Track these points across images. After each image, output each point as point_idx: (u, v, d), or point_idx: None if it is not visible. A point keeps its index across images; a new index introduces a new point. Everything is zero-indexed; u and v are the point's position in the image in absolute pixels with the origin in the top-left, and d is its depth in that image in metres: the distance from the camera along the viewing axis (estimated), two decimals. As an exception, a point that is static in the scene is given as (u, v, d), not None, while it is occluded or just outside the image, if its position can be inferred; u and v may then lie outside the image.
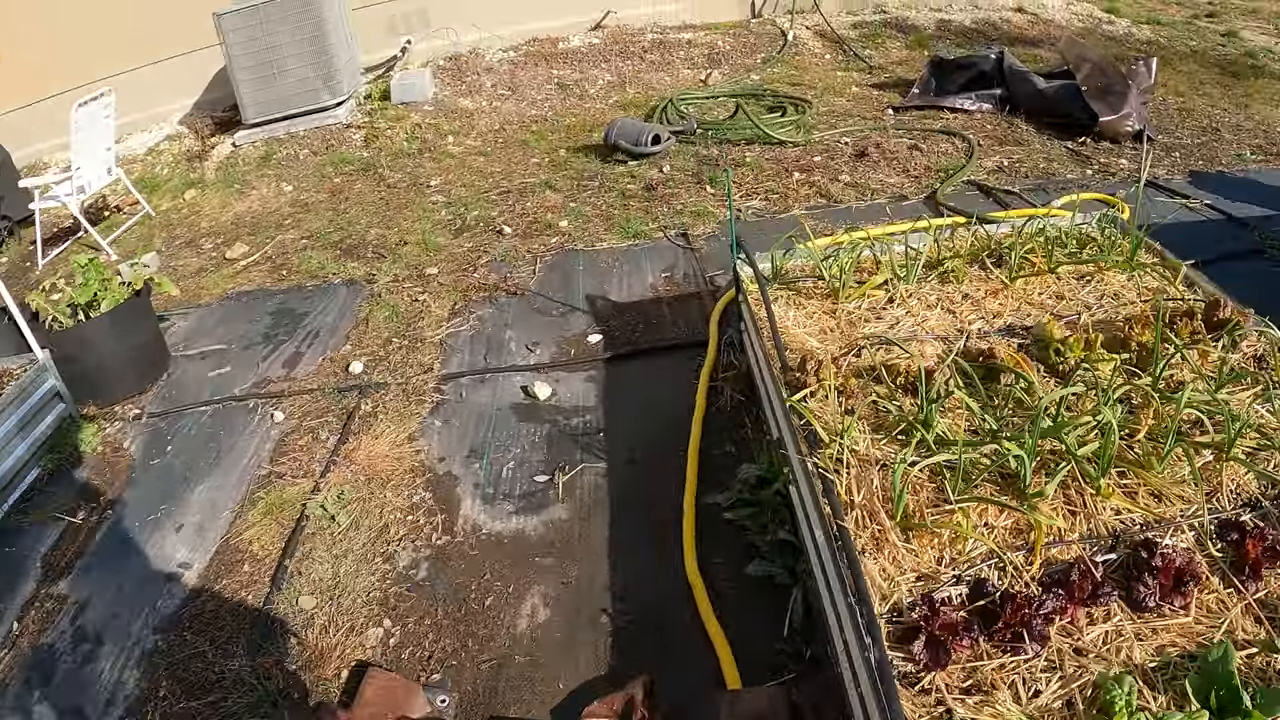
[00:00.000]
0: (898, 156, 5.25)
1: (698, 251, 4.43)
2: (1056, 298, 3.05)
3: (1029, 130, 5.69)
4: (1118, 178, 4.98)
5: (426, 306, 4.23)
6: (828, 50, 7.62)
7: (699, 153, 5.57)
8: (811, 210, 4.72)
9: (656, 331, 3.84)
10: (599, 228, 4.77)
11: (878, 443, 2.32)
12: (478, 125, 6.34)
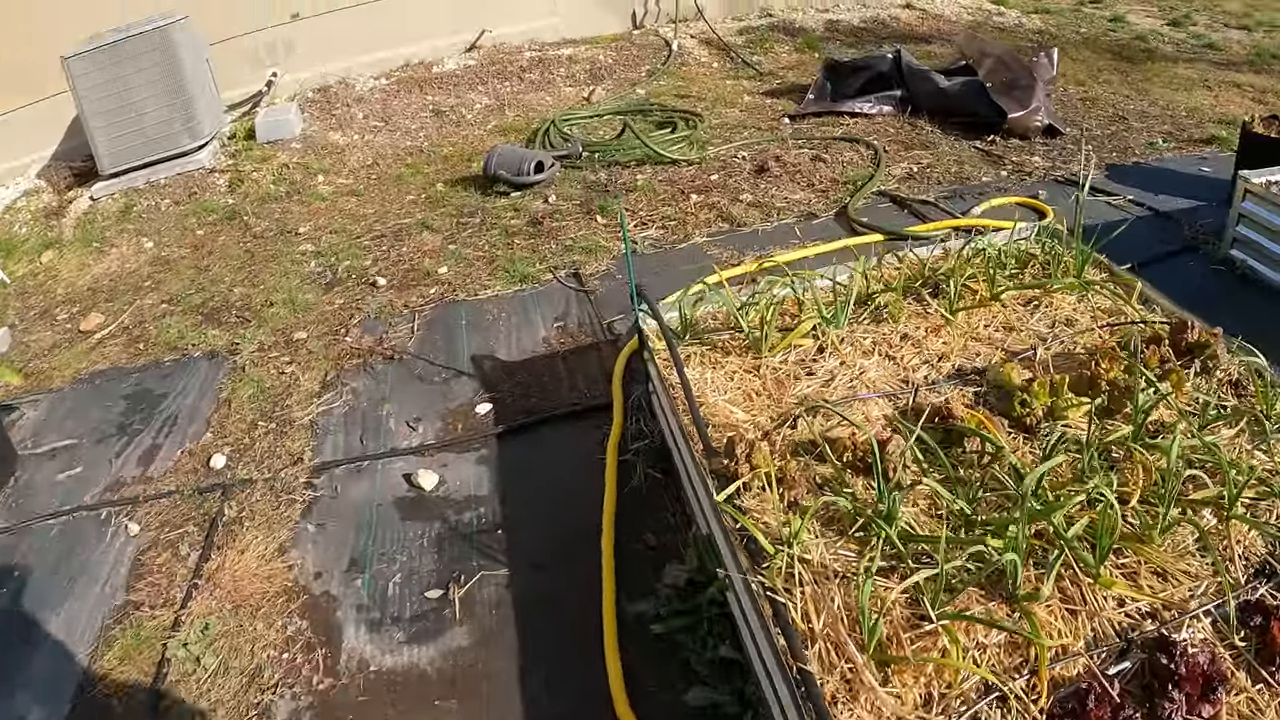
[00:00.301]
0: (800, 169, 4.97)
1: (592, 294, 4.02)
2: (1005, 329, 2.76)
3: (934, 132, 5.51)
4: (1034, 177, 4.83)
5: (295, 379, 3.72)
6: (715, 58, 7.38)
7: (586, 178, 5.18)
8: (714, 237, 4.39)
9: (553, 395, 3.41)
10: (482, 272, 4.32)
11: (832, 545, 1.95)
12: (349, 161, 5.84)
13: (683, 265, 4.12)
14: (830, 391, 2.44)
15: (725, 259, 4.16)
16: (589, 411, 3.26)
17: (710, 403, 2.39)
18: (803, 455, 2.19)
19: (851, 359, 2.60)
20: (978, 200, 4.58)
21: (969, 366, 2.58)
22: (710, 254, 4.23)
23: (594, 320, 3.84)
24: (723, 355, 2.65)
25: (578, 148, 5.32)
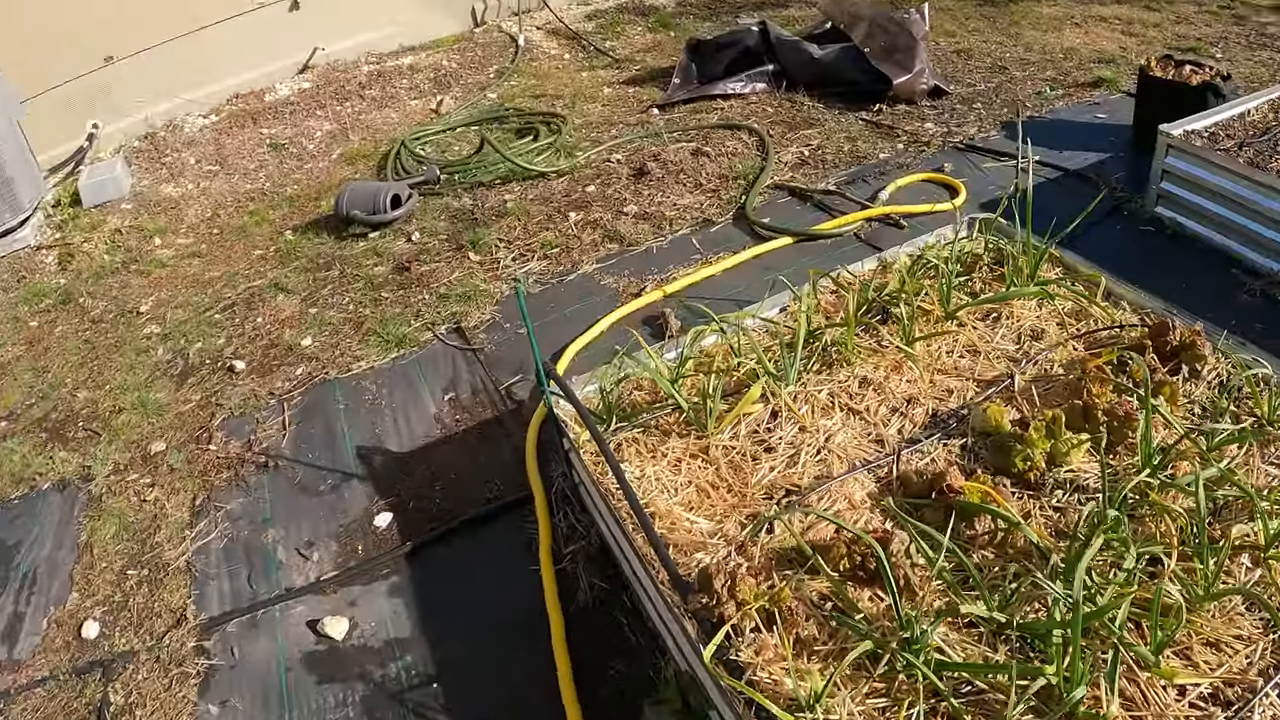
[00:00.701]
0: (683, 168, 4.67)
1: (481, 351, 3.62)
2: (970, 354, 2.54)
3: (816, 106, 5.32)
4: (933, 146, 4.70)
5: (161, 508, 3.21)
6: (566, 49, 6.99)
7: (450, 206, 4.74)
8: (604, 262, 4.04)
9: (461, 492, 3.01)
10: (351, 339, 3.85)
11: (858, 693, 1.64)
12: (187, 217, 5.23)
13: (575, 303, 3.77)
14: (799, 472, 2.15)
15: (622, 288, 3.83)
16: (508, 508, 2.88)
17: (661, 509, 2.06)
18: (789, 568, 1.89)
19: (811, 421, 2.32)
20: (882, 181, 4.40)
21: (944, 410, 2.34)
22: (604, 283, 3.89)
23: (488, 386, 3.44)
24: (660, 438, 2.32)
25: (434, 171, 4.86)
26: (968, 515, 1.95)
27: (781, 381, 2.42)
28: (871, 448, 2.23)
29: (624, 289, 3.82)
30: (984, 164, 4.50)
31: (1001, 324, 2.64)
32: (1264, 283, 3.22)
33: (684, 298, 3.65)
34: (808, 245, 4.00)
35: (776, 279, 3.72)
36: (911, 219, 4.06)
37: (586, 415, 2.14)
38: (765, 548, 1.93)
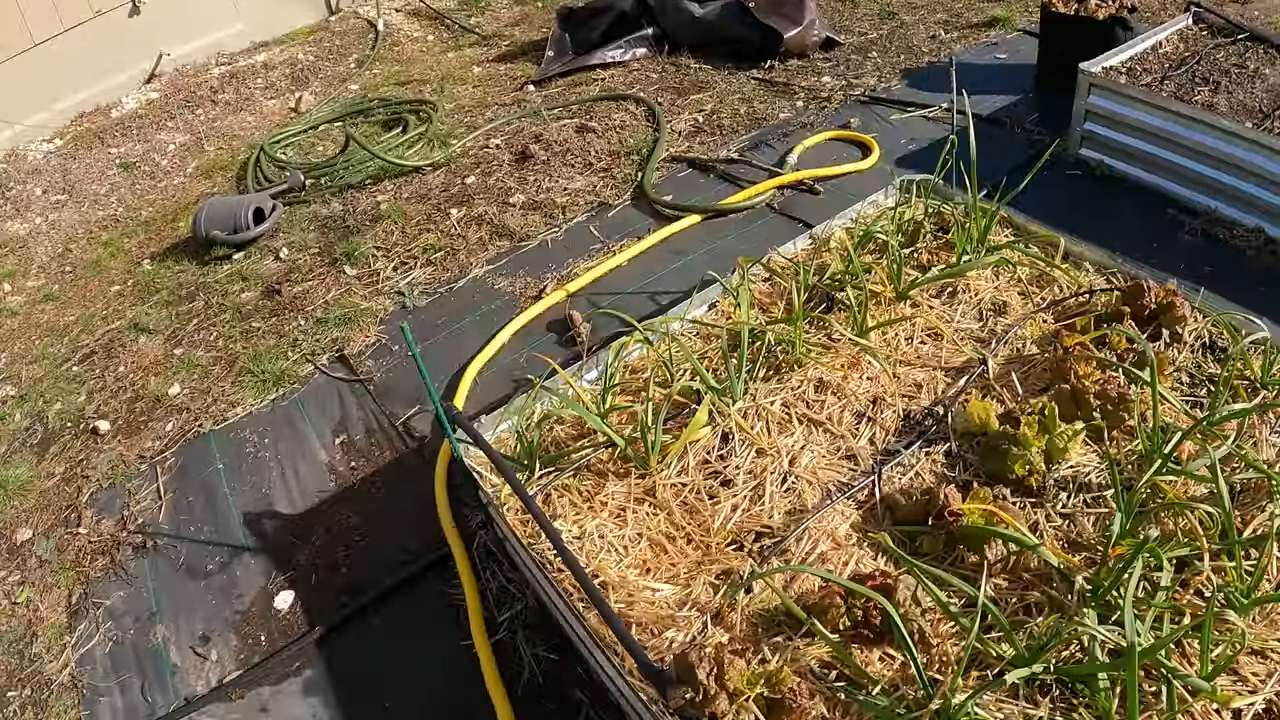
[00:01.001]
0: (569, 147, 4.35)
1: (370, 382, 3.24)
2: (932, 339, 2.33)
3: (704, 68, 5.06)
4: (834, 102, 4.50)
5: (35, 610, 2.76)
6: (428, 30, 6.55)
7: (319, 214, 4.30)
8: (496, 263, 3.70)
9: (369, 554, 2.65)
10: (223, 381, 3.42)
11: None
12: (37, 255, 4.66)
13: (468, 313, 3.42)
14: (767, 509, 1.88)
15: (519, 290, 3.49)
16: (426, 571, 2.53)
17: (613, 578, 1.77)
18: (778, 633, 1.62)
19: (769, 441, 2.06)
20: (787, 144, 4.17)
21: (917, 409, 2.11)
22: (498, 287, 3.54)
23: (383, 422, 3.06)
24: (596, 481, 2.01)
25: (298, 177, 4.40)
26: (972, 540, 1.72)
27: (728, 397, 2.15)
28: (844, 466, 1.99)
29: (521, 291, 3.48)
30: (890, 116, 4.32)
31: (959, 299, 2.43)
32: (1203, 221, 3.13)
33: (591, 296, 3.34)
34: (718, 222, 3.74)
35: (690, 262, 3.49)
36: (826, 183, 3.85)
37: (507, 470, 1.82)
38: (746, 611, 1.66)
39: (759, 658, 1.56)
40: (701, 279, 2.56)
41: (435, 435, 2.92)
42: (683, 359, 2.30)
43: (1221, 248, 3.03)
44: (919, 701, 1.47)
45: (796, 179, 3.86)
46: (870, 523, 1.84)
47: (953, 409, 2.06)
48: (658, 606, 1.67)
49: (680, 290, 3.33)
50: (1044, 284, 2.44)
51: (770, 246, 2.82)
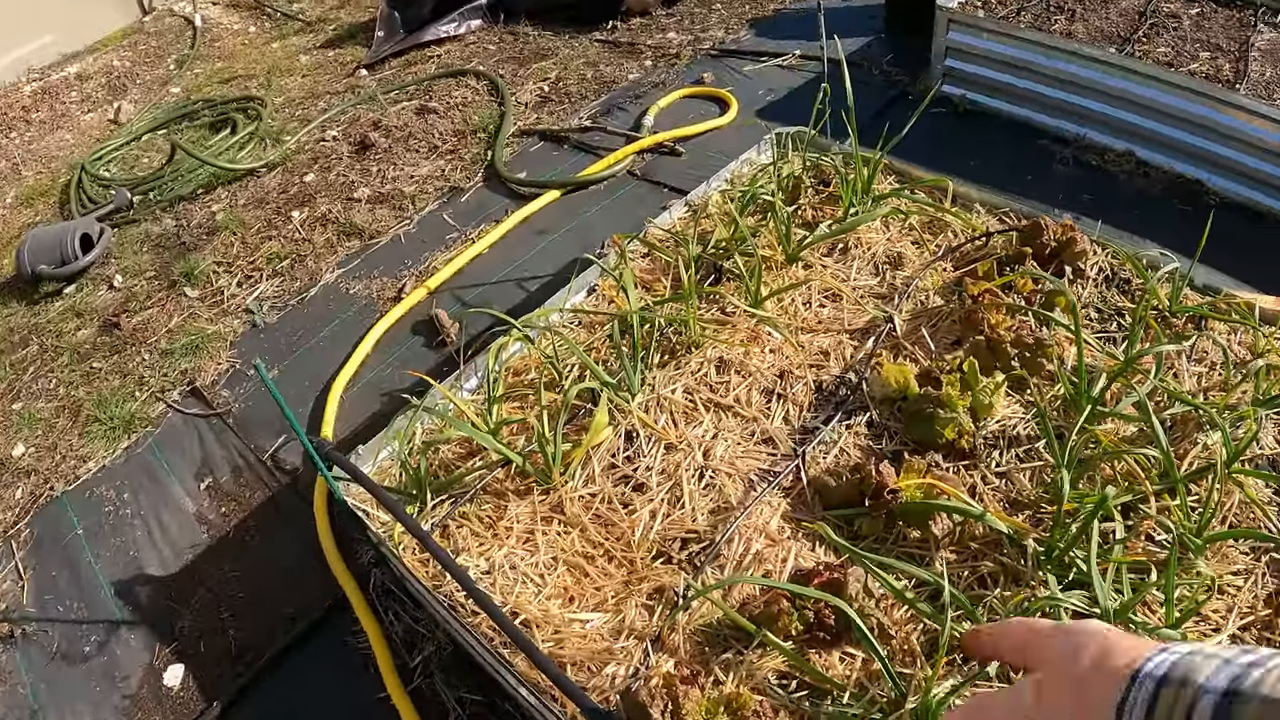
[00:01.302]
0: (411, 131, 4.08)
1: (229, 415, 2.94)
2: (831, 301, 2.24)
3: (543, 35, 4.86)
4: (684, 58, 4.39)
5: None
6: (250, 21, 6.12)
7: (150, 233, 3.91)
8: (348, 265, 3.43)
9: (258, 611, 2.40)
10: (70, 435, 3.05)
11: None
12: None
13: (324, 324, 3.14)
14: (688, 512, 1.75)
15: (375, 293, 3.24)
16: (323, 621, 2.29)
17: (534, 614, 1.59)
18: (726, 648, 1.49)
19: (677, 434, 1.92)
20: (640, 106, 4.04)
21: (828, 379, 2.02)
22: (353, 292, 3.28)
23: (249, 458, 2.77)
24: (496, 504, 1.83)
25: (124, 195, 3.99)
26: (913, 516, 1.64)
27: (625, 391, 2.00)
28: (762, 452, 1.87)
29: (379, 294, 3.23)
30: (744, 68, 4.25)
31: (851, 256, 2.35)
32: (1074, 149, 3.17)
33: (454, 290, 3.13)
34: (579, 195, 3.58)
35: (554, 242, 3.32)
36: (687, 143, 3.74)
37: (399, 510, 1.61)
38: (687, 630, 1.52)
39: (712, 679, 1.43)
40: (579, 261, 2.39)
41: (309, 467, 2.66)
42: (569, 354, 2.14)
43: (1095, 174, 3.08)
44: (893, 701, 1.37)
45: (656, 142, 3.73)
46: (801, 510, 1.74)
47: (866, 375, 1.98)
48: (591, 640, 1.52)
49: (548, 273, 3.17)
50: (936, 231, 2.39)
51: (640, 216, 2.69)
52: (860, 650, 1.48)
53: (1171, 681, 0.55)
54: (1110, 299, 2.13)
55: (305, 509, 2.52)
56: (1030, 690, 0.71)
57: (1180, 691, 0.54)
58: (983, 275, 2.13)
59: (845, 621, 1.46)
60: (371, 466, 1.91)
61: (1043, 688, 0.69)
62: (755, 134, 3.74)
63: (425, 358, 2.88)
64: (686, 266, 2.24)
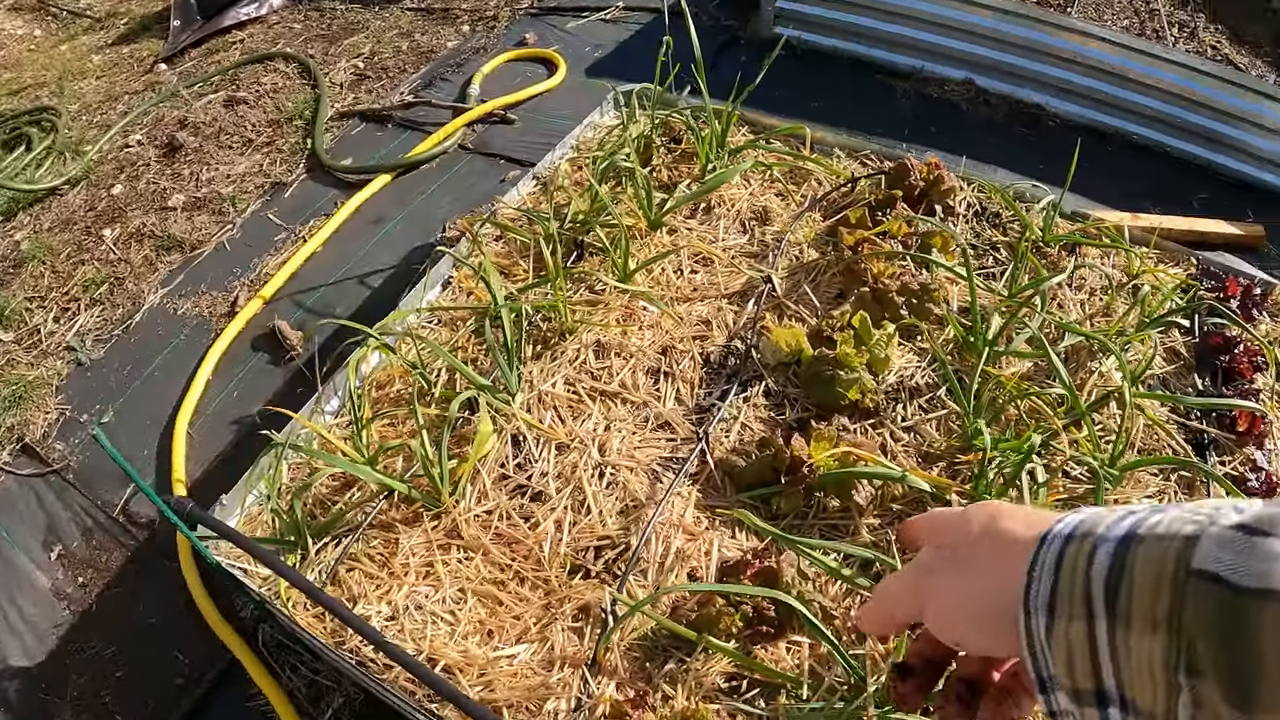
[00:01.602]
0: (222, 126, 3.72)
1: (67, 470, 2.58)
2: (703, 266, 2.16)
3: (351, 8, 4.52)
4: (503, 20, 4.16)
5: None
6: (34, 23, 5.42)
7: (-57, 272, 3.41)
8: (172, 283, 3.07)
9: (142, 688, 2.08)
10: None
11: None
12: None
13: (155, 352, 2.80)
14: (596, 517, 1.62)
15: (206, 310, 2.91)
16: (218, 685, 2.03)
17: (453, 658, 1.43)
18: (667, 659, 1.38)
19: (566, 432, 1.78)
20: (464, 74, 3.80)
21: (715, 351, 1.92)
22: (181, 312, 2.94)
23: (97, 517, 2.45)
24: (386, 539, 1.65)
25: None
26: (831, 486, 1.56)
27: (504, 392, 1.84)
28: (660, 438, 1.76)
29: (211, 311, 2.91)
30: (566, 25, 4.06)
31: (716, 215, 2.25)
32: (913, 82, 3.17)
33: (293, 296, 2.86)
34: (412, 176, 3.33)
35: (392, 230, 3.08)
36: (518, 109, 3.54)
37: (284, 568, 1.42)
38: (622, 647, 1.40)
39: (660, 695, 1.32)
40: (433, 254, 2.19)
41: (166, 518, 2.37)
42: (435, 358, 1.96)
43: (938, 105, 3.08)
44: (853, 686, 1.29)
45: (485, 111, 3.52)
46: (714, 496, 1.64)
47: (753, 341, 1.89)
48: (522, 676, 1.38)
49: (390, 265, 2.94)
50: (800, 180, 2.31)
51: (480, 192, 2.51)
52: (806, 635, 1.40)
53: (1075, 537, 0.56)
54: (984, 234, 2.11)
55: (169, 565, 2.24)
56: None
57: (1081, 544, 0.55)
58: (855, 223, 2.07)
59: (786, 610, 1.37)
60: (238, 517, 1.68)
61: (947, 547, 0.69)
62: (587, 93, 3.59)
63: (273, 376, 2.61)
64: (550, 246, 2.08)
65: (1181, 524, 0.51)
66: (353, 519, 1.65)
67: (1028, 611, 0.56)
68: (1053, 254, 2.03)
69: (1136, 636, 0.50)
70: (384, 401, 1.93)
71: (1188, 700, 0.48)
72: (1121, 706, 0.53)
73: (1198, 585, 0.47)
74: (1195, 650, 0.47)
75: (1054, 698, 0.56)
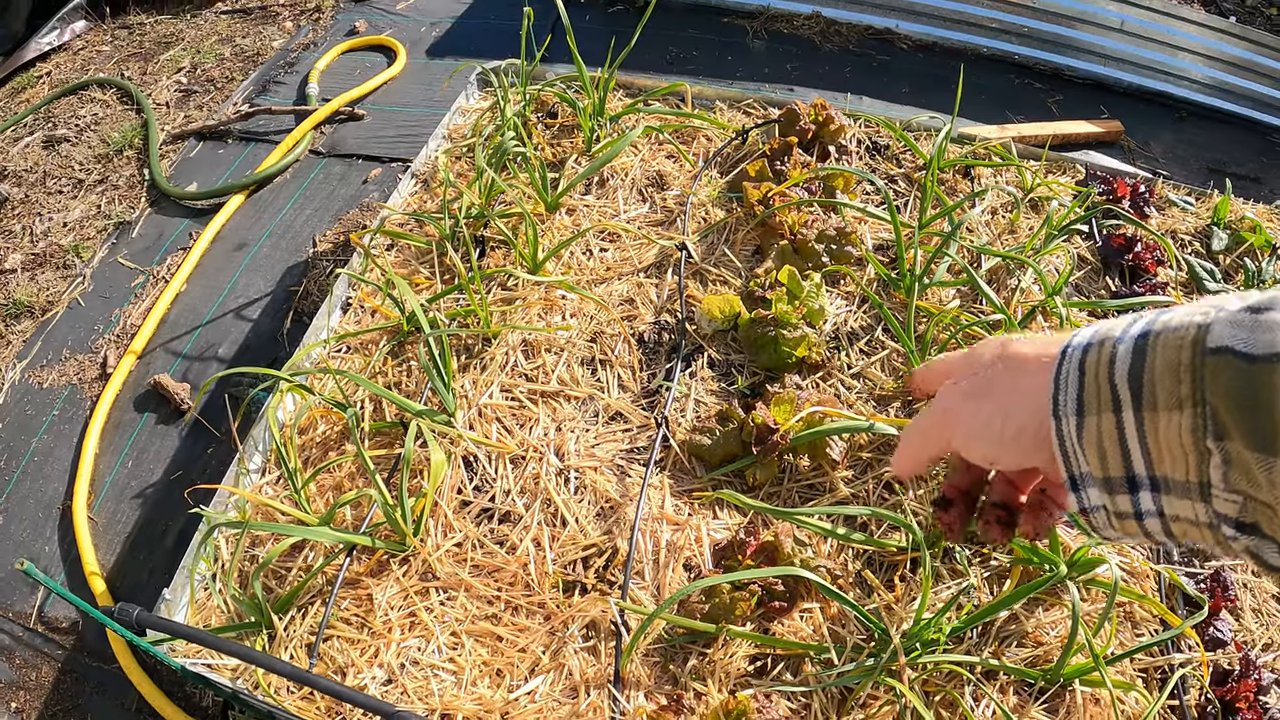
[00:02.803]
0: (46, 170, 3.32)
1: None
2: (611, 242, 2.10)
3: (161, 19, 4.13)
4: (326, 9, 3.90)
5: None
6: None
7: None
8: (30, 354, 2.71)
9: None
10: None
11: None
12: None
13: (30, 434, 2.47)
14: (576, 528, 1.54)
15: (76, 376, 2.63)
16: None
17: (464, 707, 1.34)
18: (687, 656, 1.33)
19: (518, 443, 1.69)
20: (299, 74, 3.55)
21: (647, 330, 1.85)
22: (48, 385, 2.61)
23: (13, 632, 2.15)
24: (356, 597, 1.52)
25: None
26: (802, 449, 1.53)
27: (442, 414, 1.72)
28: (615, 431, 1.69)
29: (80, 378, 2.63)
30: (396, 5, 3.84)
31: (610, 188, 2.16)
32: (762, 21, 3.14)
33: (166, 346, 2.62)
34: (267, 192, 3.09)
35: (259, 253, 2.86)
36: (365, 103, 3.34)
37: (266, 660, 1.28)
38: (639, 654, 1.34)
39: (691, 693, 1.27)
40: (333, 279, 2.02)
41: (90, 617, 2.11)
42: (355, 390, 1.82)
43: (791, 42, 3.06)
44: (878, 640, 1.28)
45: (332, 110, 3.30)
46: (686, 480, 1.58)
47: (684, 313, 1.83)
48: (547, 710, 1.30)
49: (266, 292, 2.73)
50: (688, 139, 2.24)
51: (344, 198, 2.35)
52: (816, 600, 1.37)
53: (1093, 345, 0.59)
54: (880, 168, 2.10)
55: (110, 667, 2.01)
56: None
57: (1101, 348, 0.58)
58: (756, 176, 2.02)
59: (793, 581, 1.34)
60: (183, 609, 1.52)
61: (963, 379, 0.72)
62: (434, 75, 3.42)
63: (166, 437, 2.38)
64: (456, 246, 1.96)
65: (1190, 315, 0.55)
66: (315, 585, 1.52)
67: (1058, 417, 0.60)
68: (948, 179, 2.04)
69: (1164, 416, 0.55)
70: (310, 447, 1.78)
71: (1219, 461, 0.53)
72: (1152, 487, 0.57)
73: (1215, 361, 0.52)
74: (1219, 417, 0.52)
75: (1085, 494, 0.60)
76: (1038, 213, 1.94)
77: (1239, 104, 2.97)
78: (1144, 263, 1.81)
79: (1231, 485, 0.53)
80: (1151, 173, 2.60)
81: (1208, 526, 0.56)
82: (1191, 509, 0.56)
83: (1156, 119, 3.13)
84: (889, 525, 1.45)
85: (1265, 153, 3.01)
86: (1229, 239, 2.01)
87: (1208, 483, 0.54)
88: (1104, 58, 2.73)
